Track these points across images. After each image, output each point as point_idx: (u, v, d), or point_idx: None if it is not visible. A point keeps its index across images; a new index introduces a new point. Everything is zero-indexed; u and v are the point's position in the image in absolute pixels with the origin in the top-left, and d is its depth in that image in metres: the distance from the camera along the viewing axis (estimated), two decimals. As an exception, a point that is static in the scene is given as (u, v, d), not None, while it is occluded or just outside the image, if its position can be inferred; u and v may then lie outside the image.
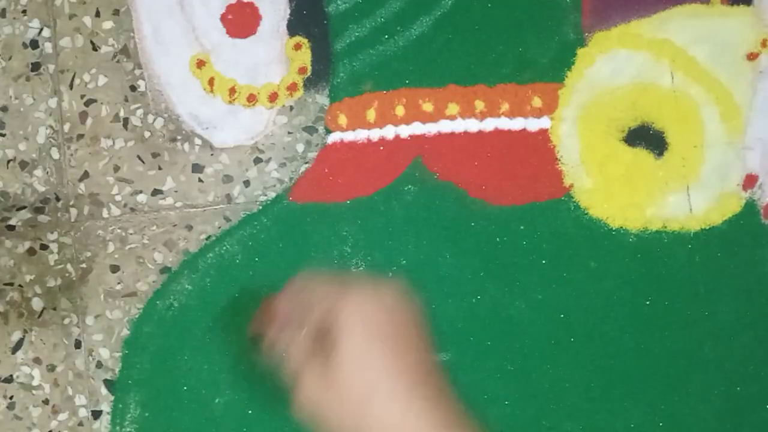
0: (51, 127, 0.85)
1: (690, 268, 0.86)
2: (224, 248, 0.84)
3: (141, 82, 0.85)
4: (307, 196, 0.85)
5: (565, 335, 0.85)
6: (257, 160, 0.85)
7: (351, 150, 0.85)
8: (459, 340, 0.85)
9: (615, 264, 0.86)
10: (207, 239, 0.85)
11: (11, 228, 0.84)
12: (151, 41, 0.85)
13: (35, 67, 0.85)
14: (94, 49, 0.85)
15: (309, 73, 0.85)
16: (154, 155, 0.85)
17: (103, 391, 0.84)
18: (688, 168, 0.87)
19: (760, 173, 0.87)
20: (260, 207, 0.85)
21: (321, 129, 0.86)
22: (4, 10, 0.85)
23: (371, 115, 0.85)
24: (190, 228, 0.85)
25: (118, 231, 0.85)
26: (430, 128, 0.85)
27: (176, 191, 0.85)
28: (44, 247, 0.84)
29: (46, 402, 0.84)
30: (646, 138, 0.87)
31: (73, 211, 0.85)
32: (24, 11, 0.85)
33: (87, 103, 0.85)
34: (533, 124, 0.86)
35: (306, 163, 0.85)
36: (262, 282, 0.84)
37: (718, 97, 0.86)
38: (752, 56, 0.87)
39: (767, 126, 0.87)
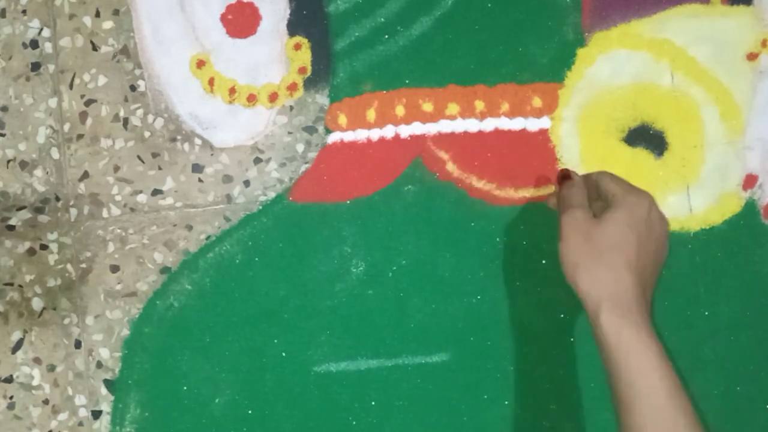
0: (51, 127, 0.85)
1: (690, 268, 0.86)
2: (224, 248, 0.84)
3: (141, 82, 0.85)
4: (307, 196, 0.85)
5: (565, 335, 0.85)
6: (257, 160, 0.85)
7: (351, 150, 0.85)
8: (459, 340, 0.85)
9: (615, 264, 0.86)
10: (207, 239, 0.85)
11: (11, 228, 0.84)
12: (151, 41, 0.85)
13: (35, 67, 0.85)
14: (94, 49, 0.85)
15: (309, 73, 0.85)
16: (154, 155, 0.85)
17: (103, 391, 0.84)
18: (688, 168, 0.87)
19: (760, 173, 0.87)
20: (260, 207, 0.85)
21: (321, 129, 0.86)
22: (4, 10, 0.85)
23: (371, 115, 0.85)
24: (190, 228, 0.85)
25: (118, 231, 0.85)
26: (430, 128, 0.85)
27: (176, 191, 0.85)
28: (44, 247, 0.84)
29: (46, 402, 0.84)
30: (646, 138, 0.87)
31: (73, 211, 0.85)
32: (24, 11, 0.85)
33: (87, 103, 0.85)
34: (533, 124, 0.86)
35: (306, 163, 0.85)
36: (262, 282, 0.84)
37: (718, 97, 0.86)
38: (752, 56, 0.87)
39: (767, 126, 0.87)
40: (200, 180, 0.85)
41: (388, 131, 0.85)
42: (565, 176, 0.76)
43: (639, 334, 0.64)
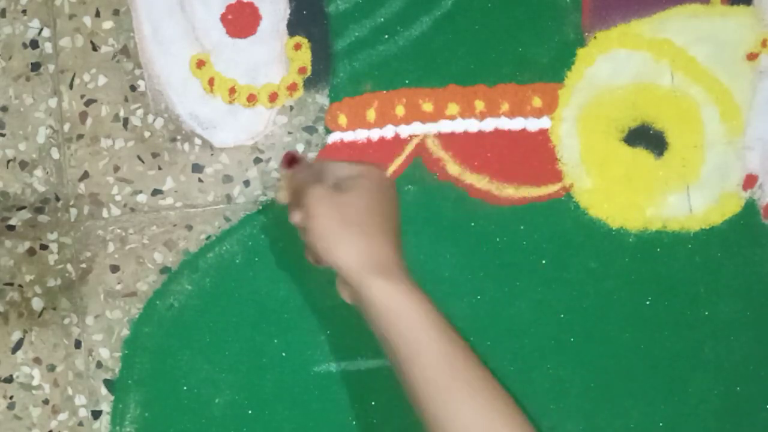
0: (51, 127, 0.85)
1: (690, 268, 0.86)
2: (224, 248, 0.84)
3: (141, 82, 0.85)
4: (307, 196, 0.85)
5: (565, 335, 0.85)
6: (257, 160, 0.85)
7: (351, 150, 0.85)
8: (459, 340, 0.85)
9: (615, 264, 0.86)
10: (207, 239, 0.85)
11: (11, 228, 0.84)
12: (151, 41, 0.85)
13: (35, 67, 0.85)
14: (94, 49, 0.85)
15: (309, 73, 0.85)
16: (154, 155, 0.85)
17: (103, 391, 0.84)
18: (688, 168, 0.87)
19: (760, 173, 0.87)
20: (260, 207, 0.85)
21: (321, 129, 0.86)
22: (4, 10, 0.85)
23: (371, 115, 0.85)
24: (190, 228, 0.85)
25: (118, 231, 0.85)
26: (430, 128, 0.85)
27: (176, 191, 0.85)
28: (44, 247, 0.84)
29: (46, 402, 0.84)
30: (646, 138, 0.87)
31: (73, 211, 0.85)
32: (24, 11, 0.85)
33: (87, 103, 0.85)
34: (533, 124, 0.86)
35: (306, 163, 0.85)
36: (262, 282, 0.84)
37: (718, 97, 0.86)
38: (752, 56, 0.87)
39: (767, 126, 0.87)
40: (200, 180, 0.85)
41: (388, 131, 0.85)
42: (293, 159, 0.73)
43: (410, 293, 0.64)
